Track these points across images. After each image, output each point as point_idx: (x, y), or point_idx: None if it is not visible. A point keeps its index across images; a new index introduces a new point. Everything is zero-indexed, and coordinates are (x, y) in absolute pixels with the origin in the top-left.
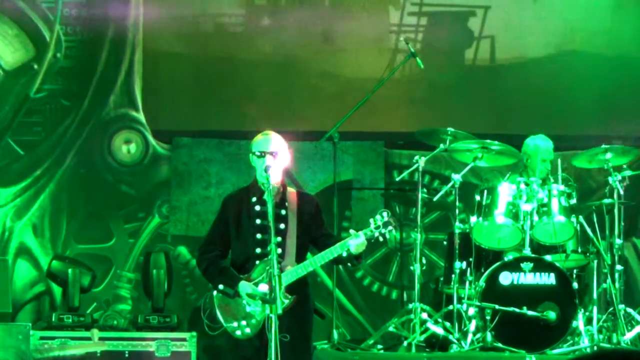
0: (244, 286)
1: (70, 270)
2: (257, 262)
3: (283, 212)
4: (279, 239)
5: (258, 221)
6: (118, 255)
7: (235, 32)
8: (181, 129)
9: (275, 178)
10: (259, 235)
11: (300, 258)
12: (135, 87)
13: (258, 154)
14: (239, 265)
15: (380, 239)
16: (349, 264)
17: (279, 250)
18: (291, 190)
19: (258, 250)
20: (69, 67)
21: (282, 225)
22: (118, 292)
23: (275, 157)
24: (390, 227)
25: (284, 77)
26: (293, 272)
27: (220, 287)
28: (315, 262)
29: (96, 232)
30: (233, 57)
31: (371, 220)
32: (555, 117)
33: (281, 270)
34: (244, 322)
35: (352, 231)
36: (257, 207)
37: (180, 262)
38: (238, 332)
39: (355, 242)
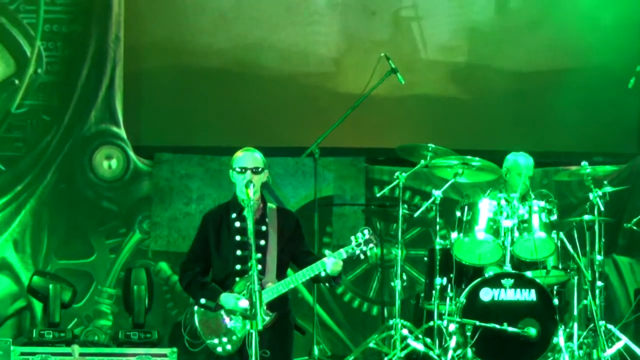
0: (226, 298)
1: (51, 286)
2: (237, 278)
3: (263, 228)
4: (259, 255)
5: (238, 237)
6: (99, 270)
7: (217, 49)
8: (162, 145)
9: (256, 194)
10: (239, 252)
11: (280, 274)
12: (117, 103)
13: (238, 169)
14: (219, 281)
15: (362, 256)
16: (327, 284)
17: (259, 267)
18: (271, 206)
19: (238, 266)
20: (50, 82)
21: (262, 242)
22: (99, 307)
23: (256, 173)
24: (371, 245)
25: (266, 93)
26: (274, 289)
27: (202, 301)
28: (295, 279)
29: (77, 247)
30: (214, 74)
31: (352, 237)
32: (538, 134)
33: (262, 287)
34: (225, 339)
35: (327, 252)
36: (237, 224)
37: (161, 277)
38: (219, 349)
39: (331, 261)
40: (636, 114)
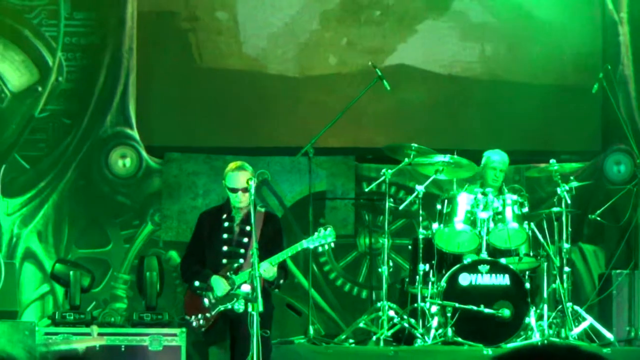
0: (216, 281)
1: (71, 273)
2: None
3: (248, 228)
4: (242, 250)
5: (225, 235)
6: (115, 258)
7: (220, 61)
8: (172, 145)
9: (249, 201)
10: (225, 248)
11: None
12: (130, 107)
13: (229, 189)
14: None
15: (320, 249)
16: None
17: (241, 261)
18: (260, 210)
19: (224, 261)
20: (69, 89)
21: (245, 239)
22: (115, 292)
23: (245, 191)
24: (330, 240)
25: (264, 98)
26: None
27: (196, 284)
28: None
29: (95, 238)
30: (218, 82)
31: (316, 232)
32: (511, 135)
33: (235, 272)
34: (200, 315)
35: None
36: (226, 224)
37: (171, 265)
38: (194, 323)
39: (264, 265)
40: (599, 117)
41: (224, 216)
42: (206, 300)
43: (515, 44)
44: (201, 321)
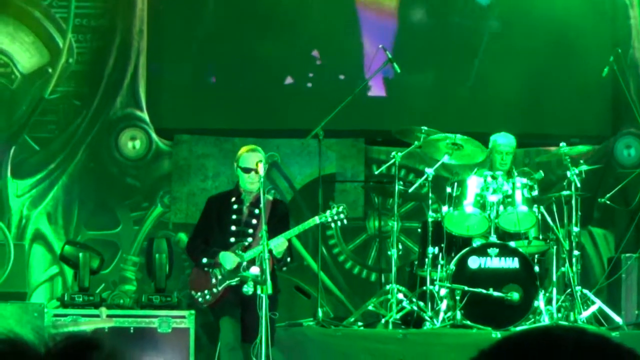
0: (224, 256)
1: (81, 254)
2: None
3: (257, 211)
4: (251, 230)
5: (234, 216)
6: (124, 240)
7: (228, 43)
8: (181, 127)
9: (257, 184)
10: (233, 228)
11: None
12: (140, 89)
13: (243, 168)
14: None
15: (332, 225)
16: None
17: (249, 240)
18: (268, 198)
19: (232, 239)
20: (80, 71)
21: (254, 221)
22: (124, 274)
23: (257, 172)
24: (342, 216)
25: (274, 80)
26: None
27: (204, 260)
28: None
29: (104, 219)
30: (227, 64)
31: (328, 210)
32: (522, 118)
33: (243, 251)
34: (206, 291)
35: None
36: (235, 206)
37: (180, 247)
38: (200, 299)
39: (275, 242)
40: (609, 100)
41: (233, 199)
42: (213, 278)
43: (524, 27)
44: (207, 297)
